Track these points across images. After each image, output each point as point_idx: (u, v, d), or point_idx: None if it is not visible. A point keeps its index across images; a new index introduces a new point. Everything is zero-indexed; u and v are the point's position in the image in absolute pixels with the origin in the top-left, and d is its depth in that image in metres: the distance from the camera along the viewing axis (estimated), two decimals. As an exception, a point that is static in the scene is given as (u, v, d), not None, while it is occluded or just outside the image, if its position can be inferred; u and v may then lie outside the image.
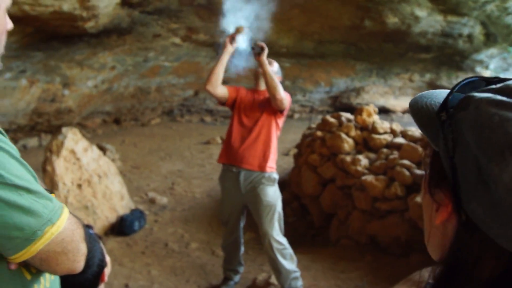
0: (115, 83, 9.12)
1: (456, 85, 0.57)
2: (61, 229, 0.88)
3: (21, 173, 0.84)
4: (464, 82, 0.58)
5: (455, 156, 0.52)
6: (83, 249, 0.95)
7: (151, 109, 11.19)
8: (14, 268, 0.88)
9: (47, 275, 0.99)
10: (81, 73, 7.91)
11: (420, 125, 0.62)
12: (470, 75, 8.13)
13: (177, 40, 8.30)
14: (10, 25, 0.99)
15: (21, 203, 0.82)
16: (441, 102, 0.58)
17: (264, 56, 3.15)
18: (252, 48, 3.21)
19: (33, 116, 8.11)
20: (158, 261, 4.24)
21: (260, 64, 3.16)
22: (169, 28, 7.70)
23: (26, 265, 0.90)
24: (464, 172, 0.51)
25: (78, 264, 0.94)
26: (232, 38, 3.29)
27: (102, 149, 7.10)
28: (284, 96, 3.18)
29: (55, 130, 9.00)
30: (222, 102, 3.44)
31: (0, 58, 0.95)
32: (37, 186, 0.86)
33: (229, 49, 3.29)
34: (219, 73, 3.27)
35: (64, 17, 5.20)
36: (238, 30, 3.28)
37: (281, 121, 3.38)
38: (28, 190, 0.83)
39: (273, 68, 3.33)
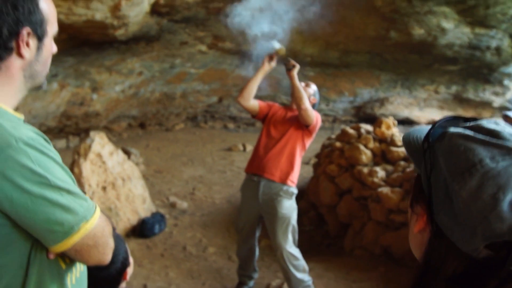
0: (141, 88, 9.36)
1: (437, 121, 0.72)
2: (94, 225, 1.02)
3: (63, 176, 0.99)
4: (446, 119, 0.72)
5: (431, 177, 0.66)
6: (111, 243, 1.10)
7: (176, 114, 11.40)
8: (52, 258, 1.02)
9: (78, 266, 1.13)
10: (110, 78, 8.16)
11: (409, 153, 0.77)
12: (497, 88, 8.06)
13: (203, 47, 8.47)
14: (55, 49, 1.14)
15: (62, 202, 0.96)
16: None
17: (295, 72, 3.29)
18: (285, 64, 3.33)
19: (62, 118, 8.40)
20: (176, 263, 4.36)
21: (290, 78, 3.30)
22: (196, 36, 7.87)
23: (62, 255, 1.04)
24: (436, 189, 0.65)
25: (107, 256, 1.09)
26: (271, 58, 3.40)
27: (127, 153, 7.30)
28: (310, 108, 3.27)
29: (82, 133, 9.30)
30: (253, 115, 3.59)
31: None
32: (75, 187, 1.01)
33: (266, 68, 3.41)
34: (253, 88, 3.41)
35: (96, 25, 5.42)
36: (278, 52, 3.36)
37: (307, 140, 3.44)
38: (68, 191, 0.98)
39: (310, 90, 3.45)
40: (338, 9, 7.13)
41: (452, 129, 0.67)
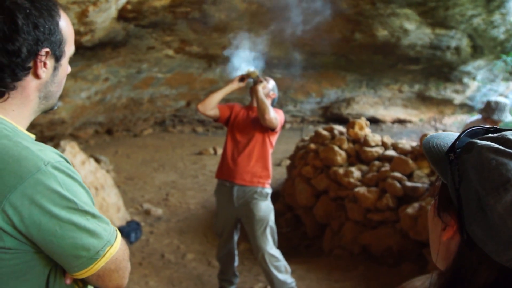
0: (108, 94, 9.19)
1: (462, 132, 0.74)
2: (117, 249, 1.01)
3: (87, 199, 0.97)
4: (469, 130, 0.75)
5: (460, 188, 0.68)
6: (129, 267, 1.08)
7: (143, 119, 11.26)
8: (69, 283, 1.01)
9: None
10: (75, 84, 7.97)
11: (432, 162, 0.78)
12: (458, 86, 8.35)
13: (170, 52, 8.41)
14: (69, 69, 1.12)
15: (88, 227, 0.95)
16: (448, 143, 0.77)
17: (260, 86, 3.31)
18: (254, 81, 3.38)
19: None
20: (155, 272, 4.30)
21: (255, 91, 3.31)
22: (163, 41, 7.81)
23: (75, 280, 1.02)
24: (467, 201, 0.67)
25: (125, 280, 1.07)
26: (242, 79, 3.43)
27: (96, 160, 7.14)
28: (273, 116, 3.29)
29: (48, 141, 9.02)
30: (214, 119, 3.57)
31: None
32: (97, 211, 0.99)
33: (235, 86, 3.44)
34: (216, 100, 3.41)
35: (61, 31, 5.29)
36: (250, 75, 3.40)
37: (273, 138, 3.47)
38: (93, 215, 0.96)
39: (269, 86, 3.46)
40: (304, 12, 7.23)
41: (480, 142, 0.69)
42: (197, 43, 8.17)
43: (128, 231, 4.87)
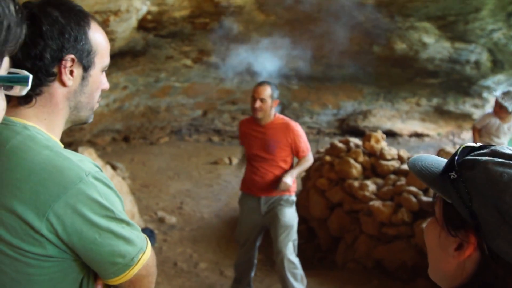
0: (126, 102, 9.29)
1: (456, 151, 0.75)
2: (149, 255, 1.04)
3: (121, 208, 1.01)
4: (460, 148, 0.76)
5: (472, 205, 0.68)
6: (156, 272, 1.11)
7: (160, 128, 11.34)
8: None
9: None
10: (94, 92, 8.08)
11: (427, 183, 0.79)
12: (477, 100, 8.27)
13: (188, 62, 8.48)
14: (107, 85, 1.15)
15: (124, 234, 0.98)
16: (432, 163, 0.79)
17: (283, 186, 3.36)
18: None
19: (45, 133, 8.27)
20: (168, 280, 4.31)
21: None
22: (181, 51, 7.89)
23: (106, 285, 1.05)
24: (484, 217, 0.67)
25: (153, 285, 1.10)
26: None
27: (113, 167, 7.22)
28: (311, 158, 3.54)
29: (66, 147, 9.14)
30: None
31: None
32: (128, 218, 1.02)
33: None
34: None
35: (82, 40, 5.38)
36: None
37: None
38: (127, 223, 1.00)
39: (267, 96, 3.40)
40: (322, 24, 7.25)
41: (480, 158, 0.70)
42: (214, 53, 8.24)
43: (142, 239, 4.89)
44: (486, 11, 6.90)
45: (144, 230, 5.12)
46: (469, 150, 0.76)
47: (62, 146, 1.05)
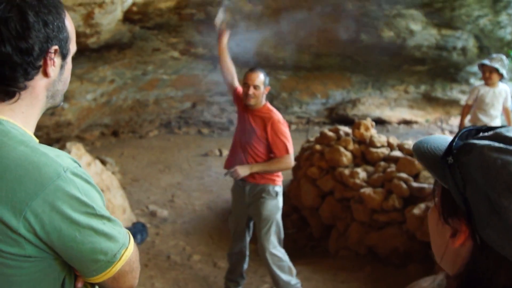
0: (114, 96, 9.21)
1: (457, 134, 0.71)
2: (132, 251, 1.02)
3: (101, 203, 0.98)
4: (462, 131, 0.72)
5: (465, 192, 0.65)
6: (139, 267, 1.09)
7: (149, 121, 11.27)
8: (80, 286, 1.02)
9: None
10: (81, 86, 7.99)
11: (428, 167, 0.76)
12: (464, 86, 8.32)
13: (175, 53, 8.41)
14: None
15: (105, 231, 0.96)
16: (438, 146, 0.74)
17: (232, 174, 3.32)
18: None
19: (32, 129, 8.17)
20: (161, 273, 4.31)
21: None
22: (169, 43, 7.82)
23: (86, 283, 1.03)
24: (476, 205, 0.64)
25: (136, 280, 1.08)
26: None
27: (102, 162, 7.17)
28: (291, 160, 3.38)
29: (54, 143, 9.06)
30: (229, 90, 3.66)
31: None
32: (109, 213, 0.99)
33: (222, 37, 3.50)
34: (223, 59, 3.53)
35: (67, 33, 5.30)
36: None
37: None
38: (108, 219, 0.97)
39: (266, 81, 3.40)
40: (310, 13, 7.23)
41: (478, 142, 0.66)
42: (202, 45, 8.18)
43: (134, 233, 4.88)
44: (472, -3, 6.93)
45: (136, 224, 5.10)
46: (474, 132, 0.72)
47: (37, 140, 1.02)
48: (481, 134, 0.71)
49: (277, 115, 3.37)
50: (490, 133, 0.69)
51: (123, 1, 5.35)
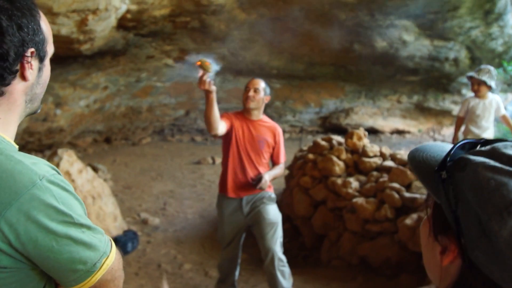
0: (107, 102, 9.18)
1: (453, 147, 0.68)
2: (113, 259, 0.99)
3: (81, 211, 0.95)
4: (458, 144, 0.68)
5: (457, 210, 0.62)
6: (123, 275, 1.06)
7: (142, 128, 11.24)
8: None
9: None
10: (74, 93, 7.96)
11: (421, 179, 0.72)
12: (456, 97, 8.37)
13: (169, 61, 8.42)
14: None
15: (84, 240, 0.93)
16: (434, 156, 0.70)
17: (264, 185, 3.29)
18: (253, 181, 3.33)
19: (24, 135, 8.11)
20: (152, 282, 4.26)
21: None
22: (163, 50, 7.82)
23: None
24: (467, 225, 0.61)
25: None
26: (203, 76, 2.96)
27: (94, 169, 7.12)
28: (283, 170, 3.58)
29: (46, 150, 9.00)
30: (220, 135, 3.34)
31: None
32: (90, 221, 0.96)
33: (209, 93, 2.98)
34: (214, 114, 3.04)
35: (61, 40, 5.29)
36: (203, 68, 2.93)
37: None
38: (88, 227, 0.94)
39: (261, 92, 3.37)
40: (304, 22, 7.27)
41: (474, 158, 0.63)
42: (196, 52, 8.19)
43: (125, 241, 4.84)
44: (464, 9, 7.00)
45: (127, 232, 5.06)
46: (470, 146, 0.69)
47: (17, 147, 0.99)
48: (478, 147, 0.68)
49: (278, 125, 3.59)
50: (488, 148, 0.66)
51: (117, 8, 5.35)
